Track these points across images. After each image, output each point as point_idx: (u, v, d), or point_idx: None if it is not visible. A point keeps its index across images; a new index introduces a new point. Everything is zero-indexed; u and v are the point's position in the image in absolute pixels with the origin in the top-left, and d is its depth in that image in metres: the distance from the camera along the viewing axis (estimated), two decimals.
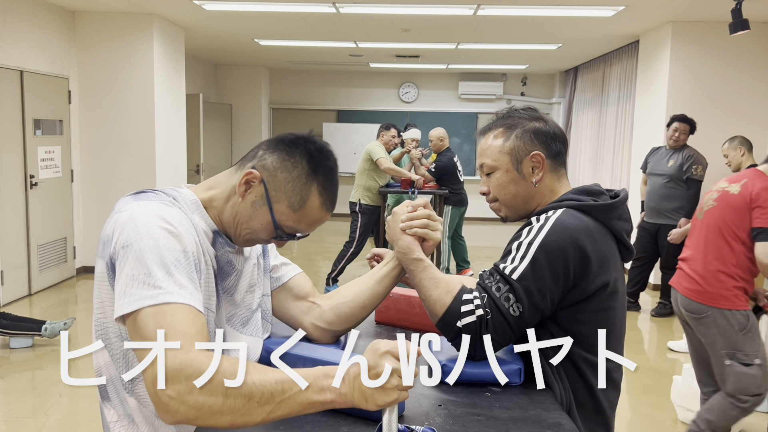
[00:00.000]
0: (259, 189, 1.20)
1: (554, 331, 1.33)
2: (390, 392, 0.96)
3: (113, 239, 1.09)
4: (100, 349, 1.15)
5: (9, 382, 3.85)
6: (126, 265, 1.04)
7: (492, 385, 1.28)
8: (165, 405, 0.93)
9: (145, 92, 6.62)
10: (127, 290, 1.03)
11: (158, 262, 1.04)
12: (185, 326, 0.99)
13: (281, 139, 1.23)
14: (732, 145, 4.55)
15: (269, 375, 0.97)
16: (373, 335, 1.61)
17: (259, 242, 1.26)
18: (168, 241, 1.07)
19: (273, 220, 1.20)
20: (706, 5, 5.59)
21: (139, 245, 1.05)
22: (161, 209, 1.11)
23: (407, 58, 9.55)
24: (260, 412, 0.96)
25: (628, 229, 1.41)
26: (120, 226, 1.09)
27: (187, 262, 1.08)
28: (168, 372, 0.93)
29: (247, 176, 1.19)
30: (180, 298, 1.02)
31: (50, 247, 6.15)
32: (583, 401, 1.35)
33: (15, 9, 5.59)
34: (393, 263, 1.41)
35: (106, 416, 1.20)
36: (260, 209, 1.20)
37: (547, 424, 1.12)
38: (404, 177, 6.24)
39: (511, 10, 5.92)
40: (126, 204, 1.13)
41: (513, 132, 1.42)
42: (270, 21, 6.82)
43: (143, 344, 0.97)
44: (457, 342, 1.29)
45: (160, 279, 1.02)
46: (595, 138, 9.12)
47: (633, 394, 3.90)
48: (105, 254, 1.12)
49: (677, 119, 5.32)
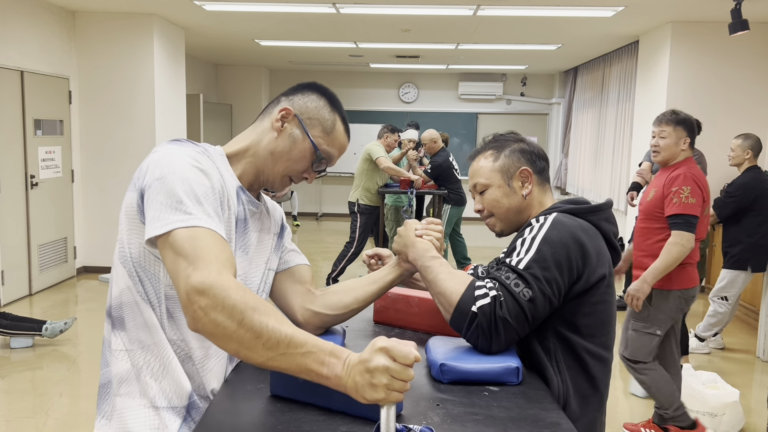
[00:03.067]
0: (293, 122, 1.33)
1: (557, 324, 1.41)
2: (377, 389, 0.97)
3: (147, 173, 1.17)
4: (121, 275, 1.22)
5: (9, 382, 3.85)
6: (159, 195, 1.13)
7: (490, 384, 1.29)
8: (193, 312, 1.02)
9: (146, 92, 6.62)
10: (159, 215, 1.11)
11: (189, 192, 1.13)
12: (217, 251, 1.07)
13: (296, 86, 1.38)
14: (743, 145, 4.53)
15: (284, 326, 1.03)
16: (371, 335, 1.62)
17: (296, 177, 1.36)
18: (198, 176, 1.16)
19: (312, 144, 1.33)
20: (705, 5, 5.59)
21: (171, 178, 1.13)
22: (193, 152, 1.21)
23: (407, 59, 9.55)
24: (262, 354, 1.02)
25: (615, 231, 1.52)
26: (155, 162, 1.17)
27: (215, 197, 1.18)
28: (202, 285, 1.01)
29: (283, 111, 1.32)
30: (210, 225, 1.11)
31: (50, 247, 6.16)
32: (584, 391, 1.42)
33: (15, 9, 5.59)
34: (390, 270, 1.52)
35: (111, 345, 1.24)
36: (298, 138, 1.33)
37: (545, 424, 1.13)
38: (403, 177, 6.25)
39: (511, 10, 5.92)
40: (162, 146, 1.22)
41: (502, 152, 1.57)
42: (270, 21, 6.83)
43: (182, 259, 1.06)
44: (472, 336, 1.34)
45: (191, 207, 1.11)
46: (595, 138, 9.12)
47: (633, 394, 3.90)
48: (137, 187, 1.19)
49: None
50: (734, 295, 4.47)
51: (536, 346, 1.43)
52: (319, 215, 11.69)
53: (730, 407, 3.29)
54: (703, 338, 4.63)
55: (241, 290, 1.03)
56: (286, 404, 1.17)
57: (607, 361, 1.46)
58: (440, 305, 1.40)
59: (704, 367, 4.31)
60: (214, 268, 1.04)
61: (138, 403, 1.21)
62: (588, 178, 9.48)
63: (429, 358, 1.35)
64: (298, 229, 10.20)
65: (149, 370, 1.22)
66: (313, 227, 10.48)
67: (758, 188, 4.41)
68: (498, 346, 1.33)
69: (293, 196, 10.83)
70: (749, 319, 5.53)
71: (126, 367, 1.23)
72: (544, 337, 1.42)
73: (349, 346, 1.52)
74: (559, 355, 1.40)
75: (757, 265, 4.39)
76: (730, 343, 4.89)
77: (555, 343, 1.41)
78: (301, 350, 1.02)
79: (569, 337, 1.41)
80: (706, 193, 3.00)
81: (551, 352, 1.41)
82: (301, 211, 11.69)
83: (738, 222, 4.49)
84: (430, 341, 1.42)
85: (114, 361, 1.24)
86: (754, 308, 5.44)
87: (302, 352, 1.02)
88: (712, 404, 3.32)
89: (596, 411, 1.45)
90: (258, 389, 1.24)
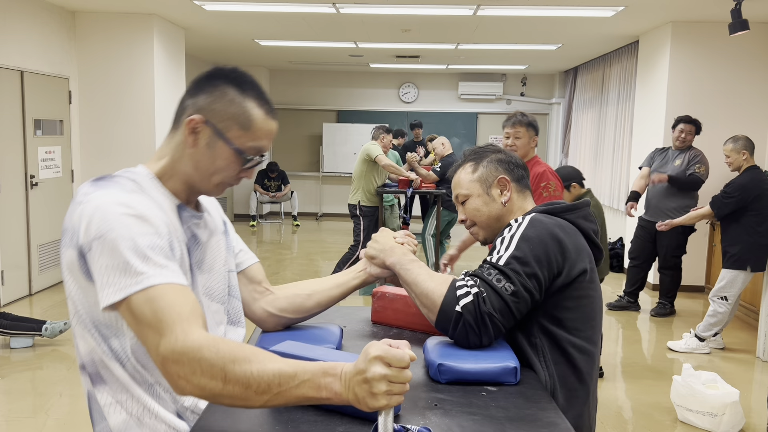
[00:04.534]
0: (206, 130, 1.21)
1: (542, 319, 1.45)
2: (378, 397, 0.97)
3: (81, 230, 1.10)
4: (82, 336, 1.18)
5: (9, 382, 3.85)
6: (102, 257, 1.07)
7: (488, 384, 1.29)
8: (175, 382, 1.01)
9: (146, 92, 6.62)
10: (109, 280, 1.06)
11: (133, 249, 1.07)
12: (178, 308, 1.03)
13: (197, 81, 1.25)
14: (735, 147, 4.54)
15: (268, 366, 1.00)
16: (369, 335, 1.62)
17: (231, 181, 1.26)
18: (138, 227, 1.09)
19: (234, 148, 1.21)
20: (706, 5, 5.59)
21: (111, 236, 1.07)
22: (124, 196, 1.13)
23: (407, 59, 9.55)
24: (258, 400, 1.00)
25: (594, 229, 1.58)
26: (87, 217, 1.10)
27: (161, 242, 1.11)
28: (173, 355, 0.99)
29: (189, 124, 1.20)
30: (164, 279, 1.06)
31: (50, 247, 6.16)
32: (571, 384, 1.45)
33: (15, 9, 5.59)
34: (355, 275, 1.54)
35: (99, 401, 1.20)
36: (217, 146, 1.21)
37: (543, 424, 1.13)
38: (402, 176, 6.28)
39: (511, 10, 5.92)
40: (88, 194, 1.13)
41: (480, 163, 1.65)
42: (270, 21, 6.83)
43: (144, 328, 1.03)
44: (460, 335, 1.35)
45: (139, 265, 1.06)
46: (595, 138, 9.11)
47: (633, 394, 3.90)
48: (73, 244, 1.12)
49: (683, 120, 5.33)
50: (734, 295, 4.47)
51: (523, 342, 1.46)
52: (319, 215, 11.69)
53: (730, 407, 3.29)
54: (703, 338, 4.63)
55: (213, 346, 1.00)
56: None
57: (593, 354, 1.49)
58: (423, 307, 1.42)
59: (704, 367, 4.31)
60: (179, 330, 1.01)
61: None
62: (588, 178, 9.47)
63: (427, 359, 1.35)
64: (298, 229, 10.20)
65: (149, 414, 1.19)
66: (313, 227, 10.48)
67: (758, 188, 4.40)
68: (488, 340, 1.37)
69: (293, 196, 10.83)
70: (749, 319, 5.53)
71: (123, 418, 1.19)
72: (530, 334, 1.45)
73: (346, 347, 1.52)
74: (545, 350, 1.44)
75: (757, 264, 4.39)
76: (730, 343, 4.88)
77: (541, 338, 1.44)
78: (294, 383, 1.00)
79: (554, 332, 1.44)
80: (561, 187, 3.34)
81: (538, 348, 1.44)
82: (301, 211, 11.69)
83: (738, 221, 4.49)
84: (427, 341, 1.42)
85: (109, 415, 1.19)
86: (754, 308, 5.43)
87: (296, 385, 1.00)
88: (712, 404, 3.32)
89: (583, 404, 1.48)
90: None
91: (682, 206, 5.21)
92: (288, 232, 9.95)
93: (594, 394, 1.53)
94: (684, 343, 4.69)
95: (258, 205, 10.69)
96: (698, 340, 4.65)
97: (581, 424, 1.48)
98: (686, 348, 4.67)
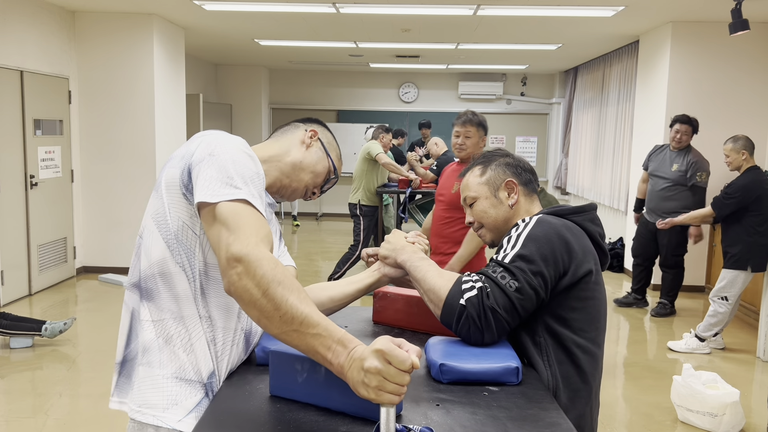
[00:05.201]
0: (318, 143, 1.55)
1: (548, 318, 1.45)
2: (368, 389, 0.99)
3: (196, 150, 1.25)
4: (157, 246, 1.28)
5: (9, 382, 3.85)
6: (210, 168, 1.20)
7: (490, 384, 1.29)
8: (230, 277, 1.10)
9: (145, 92, 6.62)
10: (210, 185, 1.18)
11: (238, 172, 1.21)
12: (257, 226, 1.15)
13: (307, 119, 1.60)
14: (735, 147, 4.54)
15: (302, 304, 1.08)
16: (371, 335, 1.62)
17: (310, 190, 1.54)
18: (247, 160, 1.25)
19: (332, 163, 1.56)
20: (706, 5, 5.59)
21: (224, 156, 1.22)
22: (240, 142, 1.30)
23: (407, 58, 9.55)
24: (278, 326, 1.08)
25: (600, 232, 1.59)
26: (206, 142, 1.26)
27: (260, 182, 1.26)
28: (238, 254, 1.09)
29: (311, 132, 1.55)
30: (254, 203, 1.19)
31: (50, 247, 6.15)
32: (574, 384, 1.45)
33: (15, 9, 5.59)
34: (370, 274, 1.62)
35: (141, 316, 1.29)
36: (322, 156, 1.55)
37: (545, 424, 1.12)
38: (402, 176, 6.30)
39: (511, 10, 5.92)
40: (210, 131, 1.31)
41: (488, 166, 1.68)
42: (270, 21, 6.83)
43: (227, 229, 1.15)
44: (463, 329, 1.37)
45: (239, 183, 1.20)
46: (595, 138, 9.11)
47: (633, 394, 3.90)
48: (182, 164, 1.26)
49: (679, 120, 5.31)
50: (734, 295, 4.47)
51: (527, 341, 1.46)
52: (319, 215, 11.69)
53: (730, 407, 3.29)
54: (704, 338, 4.63)
55: (272, 263, 1.09)
56: (286, 404, 1.17)
57: (596, 355, 1.50)
58: (430, 302, 1.45)
59: (704, 367, 4.31)
60: (253, 240, 1.11)
61: (159, 373, 1.25)
62: (588, 178, 9.47)
63: (428, 358, 1.35)
64: (298, 229, 10.20)
65: (179, 340, 1.26)
66: (313, 227, 10.48)
67: (758, 189, 4.40)
68: (490, 337, 1.37)
69: None
70: (749, 319, 5.53)
71: (150, 337, 1.26)
72: (534, 332, 1.46)
73: None
74: (549, 350, 1.45)
75: (757, 265, 4.39)
76: (730, 343, 4.89)
77: (545, 337, 1.45)
78: (313, 331, 1.06)
79: (559, 331, 1.45)
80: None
81: (542, 347, 1.45)
82: (301, 211, 11.69)
83: (738, 222, 4.49)
84: (429, 341, 1.42)
85: (141, 332, 1.28)
86: (754, 308, 5.44)
87: (313, 333, 1.06)
88: (712, 404, 3.32)
89: (585, 404, 1.48)
90: (257, 389, 1.24)
91: (681, 207, 5.21)
92: (288, 232, 9.95)
93: (597, 395, 1.54)
94: (684, 343, 4.70)
95: None
96: (698, 340, 4.65)
97: (583, 425, 1.48)
98: (686, 348, 4.67)
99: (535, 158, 11.46)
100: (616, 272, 7.42)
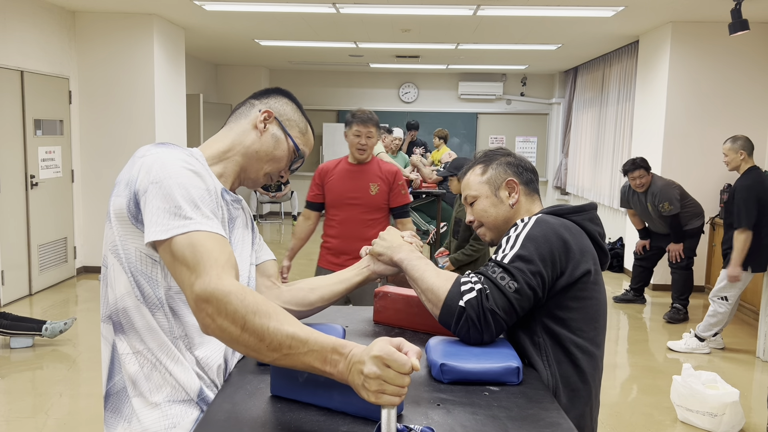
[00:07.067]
0: (274, 123, 1.43)
1: (546, 319, 1.46)
2: (369, 393, 0.99)
3: (139, 177, 1.19)
4: (119, 280, 1.23)
5: (9, 382, 3.85)
6: (155, 199, 1.16)
7: (490, 384, 1.29)
8: (203, 319, 1.08)
9: (146, 92, 6.62)
10: (158, 220, 1.14)
11: (186, 197, 1.17)
12: (216, 254, 1.12)
13: (264, 90, 1.48)
14: (733, 147, 4.54)
15: (284, 327, 1.06)
16: (371, 335, 1.62)
17: (275, 176, 1.45)
18: (193, 179, 1.20)
19: (294, 143, 1.44)
20: (705, 5, 5.59)
21: (168, 182, 1.17)
22: (183, 155, 1.25)
23: (407, 59, 9.55)
24: (268, 355, 1.06)
25: (600, 231, 1.59)
26: (147, 165, 1.20)
27: (210, 199, 1.23)
28: (204, 294, 1.06)
29: (265, 114, 1.42)
30: (208, 227, 1.15)
31: (50, 247, 6.15)
32: (574, 384, 1.45)
33: (15, 9, 5.59)
34: (359, 272, 1.60)
35: (119, 350, 1.25)
36: (280, 138, 1.43)
37: (545, 424, 1.13)
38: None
39: (511, 10, 5.92)
40: (149, 150, 1.24)
41: (489, 165, 1.67)
42: (270, 21, 6.83)
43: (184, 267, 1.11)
44: (462, 330, 1.37)
45: (189, 211, 1.15)
46: (595, 138, 9.11)
47: (633, 394, 3.90)
48: (127, 193, 1.21)
49: (628, 170, 5.33)
50: (734, 296, 4.47)
51: (526, 341, 1.47)
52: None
53: (730, 407, 3.29)
54: (703, 338, 4.63)
55: (240, 294, 1.06)
56: (287, 404, 1.17)
57: (596, 355, 1.50)
58: (428, 302, 1.45)
59: (704, 367, 4.31)
60: (214, 273, 1.08)
61: (153, 400, 1.23)
62: (588, 178, 9.48)
63: (429, 358, 1.35)
64: None
65: (163, 366, 1.24)
66: None
67: (759, 189, 4.40)
68: (489, 337, 1.38)
69: (293, 196, 10.83)
70: (749, 319, 5.53)
71: (135, 369, 1.24)
72: (533, 333, 1.46)
73: None
74: (548, 350, 1.45)
75: (758, 265, 4.39)
76: (730, 343, 4.89)
77: (544, 338, 1.45)
78: (304, 350, 1.05)
79: (558, 332, 1.45)
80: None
81: (541, 347, 1.45)
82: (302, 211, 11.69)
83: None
84: (430, 341, 1.42)
85: (125, 365, 1.25)
86: (754, 308, 5.44)
87: (304, 352, 1.05)
88: (712, 404, 3.32)
89: (585, 404, 1.48)
90: (258, 389, 1.24)
91: (677, 225, 5.35)
92: (288, 232, 9.95)
93: (597, 394, 1.54)
94: (684, 343, 4.70)
95: (258, 205, 10.69)
96: (698, 340, 4.65)
97: (583, 425, 1.48)
98: (686, 348, 4.67)
99: (535, 158, 11.46)
100: (615, 272, 7.42)
